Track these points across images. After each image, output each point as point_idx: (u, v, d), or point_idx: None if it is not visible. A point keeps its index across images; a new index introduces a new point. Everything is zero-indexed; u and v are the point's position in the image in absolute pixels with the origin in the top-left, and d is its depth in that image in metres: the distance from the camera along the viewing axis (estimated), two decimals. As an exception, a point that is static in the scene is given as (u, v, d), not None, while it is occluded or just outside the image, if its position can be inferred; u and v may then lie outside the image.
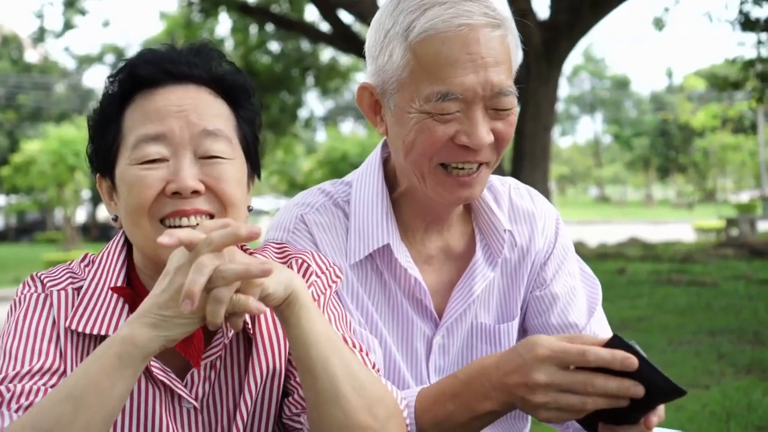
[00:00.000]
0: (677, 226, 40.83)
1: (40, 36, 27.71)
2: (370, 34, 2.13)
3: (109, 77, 1.90)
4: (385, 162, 2.27)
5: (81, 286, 1.86)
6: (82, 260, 1.95)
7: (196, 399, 1.84)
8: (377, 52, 2.08)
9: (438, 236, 2.26)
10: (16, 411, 1.64)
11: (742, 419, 6.04)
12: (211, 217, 1.81)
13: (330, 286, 1.98)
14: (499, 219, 2.25)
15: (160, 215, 1.79)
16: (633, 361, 1.71)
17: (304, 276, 1.94)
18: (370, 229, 2.17)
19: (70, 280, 1.88)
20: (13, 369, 1.71)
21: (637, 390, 1.73)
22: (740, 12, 15.50)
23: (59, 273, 1.90)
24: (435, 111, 1.99)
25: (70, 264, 1.94)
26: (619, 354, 1.72)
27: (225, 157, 1.83)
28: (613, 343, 1.75)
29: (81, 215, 50.54)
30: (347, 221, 2.21)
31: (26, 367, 1.72)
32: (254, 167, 1.98)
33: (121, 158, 1.84)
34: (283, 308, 1.68)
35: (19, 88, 51.70)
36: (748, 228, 24.69)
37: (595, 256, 19.39)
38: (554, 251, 2.36)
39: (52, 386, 1.70)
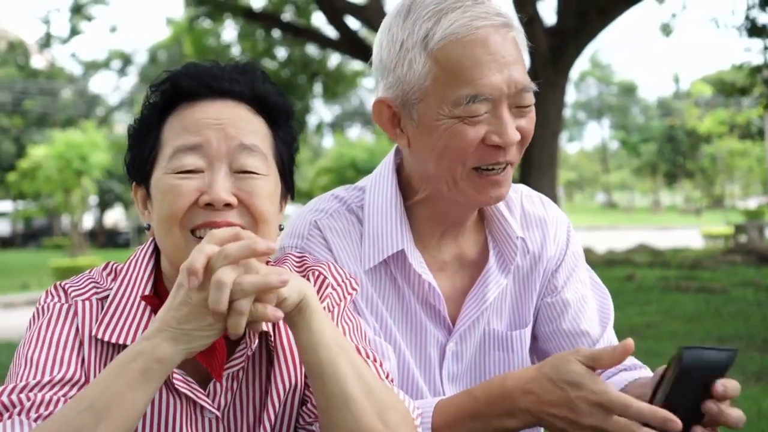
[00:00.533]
0: (685, 233, 40.79)
1: (46, 42, 27.81)
2: (380, 48, 2.12)
3: (150, 87, 1.92)
4: (398, 169, 2.26)
5: (105, 296, 1.87)
6: (104, 269, 1.95)
7: (218, 409, 1.84)
8: (393, 65, 2.07)
9: (453, 243, 2.26)
10: (35, 420, 1.64)
11: (753, 427, 6.00)
12: None
13: (345, 298, 1.99)
14: (511, 226, 2.26)
15: (191, 225, 1.80)
16: (676, 425, 1.71)
17: (320, 287, 1.95)
18: (384, 235, 2.17)
19: (94, 290, 1.88)
20: (34, 378, 1.71)
21: None
22: (747, 18, 15.48)
23: (83, 283, 1.90)
24: (465, 114, 2.00)
25: (91, 272, 1.94)
26: (661, 413, 1.72)
27: (259, 172, 1.85)
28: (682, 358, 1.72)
29: (88, 221, 50.66)
30: (361, 227, 2.21)
31: (47, 377, 1.72)
32: (288, 187, 1.99)
33: (157, 167, 1.85)
34: (294, 314, 1.68)
35: (26, 94, 51.88)
36: (756, 234, 24.66)
37: (603, 263, 19.36)
38: (566, 258, 2.37)
39: (72, 397, 1.68)
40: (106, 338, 1.78)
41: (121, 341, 1.78)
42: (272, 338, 1.87)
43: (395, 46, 2.07)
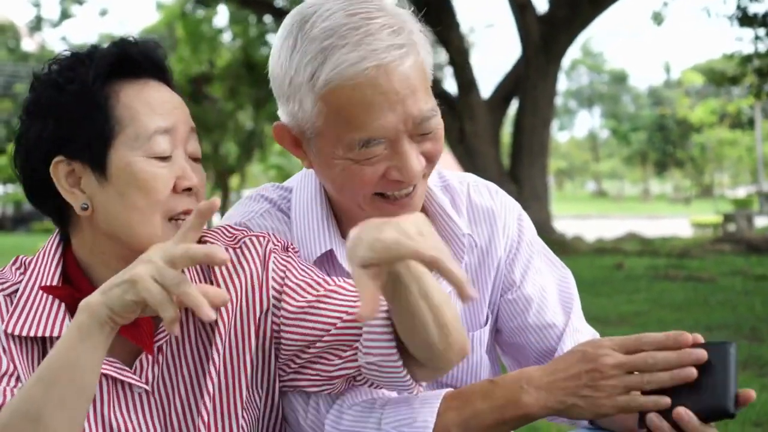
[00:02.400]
0: (674, 221, 40.84)
1: (37, 25, 27.72)
2: (273, 71, 1.99)
3: (86, 59, 1.81)
4: None
5: (13, 291, 1.81)
6: (14, 263, 1.89)
7: (146, 383, 1.82)
8: (285, 98, 1.95)
9: None
10: None
11: (740, 415, 5.94)
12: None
13: (292, 254, 1.97)
14: (457, 224, 2.17)
15: (171, 213, 1.78)
16: (686, 337, 1.74)
17: (262, 249, 1.92)
18: (310, 236, 2.10)
19: None
20: None
21: (699, 355, 1.76)
22: (738, 7, 15.54)
23: None
24: (360, 158, 1.89)
25: (2, 270, 1.89)
26: (672, 333, 1.76)
27: (200, 157, 1.86)
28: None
29: (77, 206, 50.50)
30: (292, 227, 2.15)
31: None
32: None
33: (120, 147, 1.76)
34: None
35: (16, 78, 51.56)
36: (745, 223, 24.74)
37: (592, 251, 19.38)
38: (519, 251, 2.28)
39: (12, 388, 1.68)
40: (17, 332, 1.74)
41: (32, 333, 1.75)
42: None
43: (285, 80, 1.93)
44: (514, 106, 18.97)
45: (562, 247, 18.24)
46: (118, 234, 1.79)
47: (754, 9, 15.37)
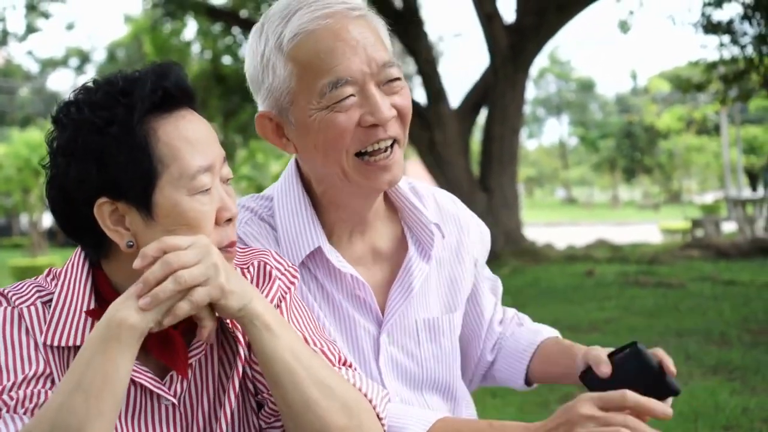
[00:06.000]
0: (643, 227, 41.06)
1: (2, 39, 27.47)
2: (248, 67, 2.18)
3: (120, 97, 1.76)
4: (302, 171, 2.29)
5: (50, 299, 1.85)
6: (47, 275, 1.92)
7: (174, 396, 1.86)
8: (261, 77, 2.13)
9: (362, 239, 2.30)
10: (24, 413, 1.68)
11: (710, 419, 6.10)
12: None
13: (290, 287, 2.01)
14: (423, 214, 2.31)
15: (218, 246, 1.80)
16: (669, 413, 1.81)
17: (265, 277, 1.98)
18: (299, 236, 2.20)
19: (37, 294, 1.85)
20: (8, 380, 1.73)
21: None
22: (703, 15, 15.71)
23: (26, 288, 1.87)
24: (332, 102, 2.05)
25: (36, 279, 1.91)
26: (659, 406, 1.80)
27: (231, 177, 1.91)
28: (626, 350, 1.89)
29: (47, 220, 50.11)
30: (275, 233, 2.24)
31: (20, 376, 1.74)
32: None
33: (165, 187, 1.76)
34: (242, 324, 1.76)
35: (-17, 93, 51.28)
36: (713, 229, 24.89)
37: (563, 259, 19.43)
38: (483, 255, 2.56)
39: (49, 389, 1.73)
40: (55, 343, 1.78)
41: (70, 343, 1.78)
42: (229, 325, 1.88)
43: (257, 59, 2.13)
44: (483, 114, 19.05)
45: (533, 255, 18.29)
46: None
47: (718, 16, 15.57)
